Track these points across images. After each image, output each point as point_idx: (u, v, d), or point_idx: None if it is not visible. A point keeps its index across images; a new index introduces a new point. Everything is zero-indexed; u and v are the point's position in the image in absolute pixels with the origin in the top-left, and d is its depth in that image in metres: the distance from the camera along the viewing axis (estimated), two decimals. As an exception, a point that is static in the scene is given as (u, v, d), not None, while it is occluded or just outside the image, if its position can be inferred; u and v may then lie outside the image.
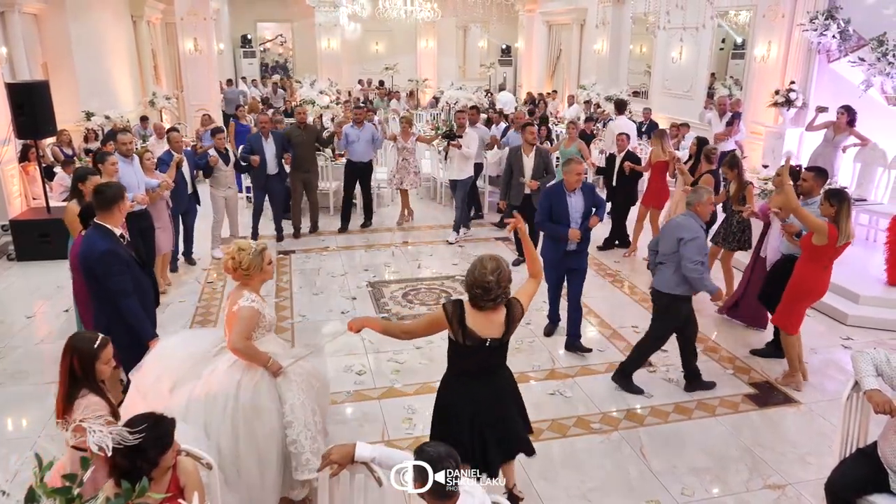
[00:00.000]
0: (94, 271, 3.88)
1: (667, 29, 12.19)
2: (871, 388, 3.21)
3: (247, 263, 3.48)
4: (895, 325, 6.16)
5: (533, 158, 7.41)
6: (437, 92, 18.41)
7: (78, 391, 2.85)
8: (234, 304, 3.49)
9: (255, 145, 8.21)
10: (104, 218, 3.95)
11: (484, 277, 3.09)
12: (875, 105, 8.12)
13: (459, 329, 3.14)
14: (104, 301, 3.98)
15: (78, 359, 2.86)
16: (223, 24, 19.86)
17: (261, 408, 3.44)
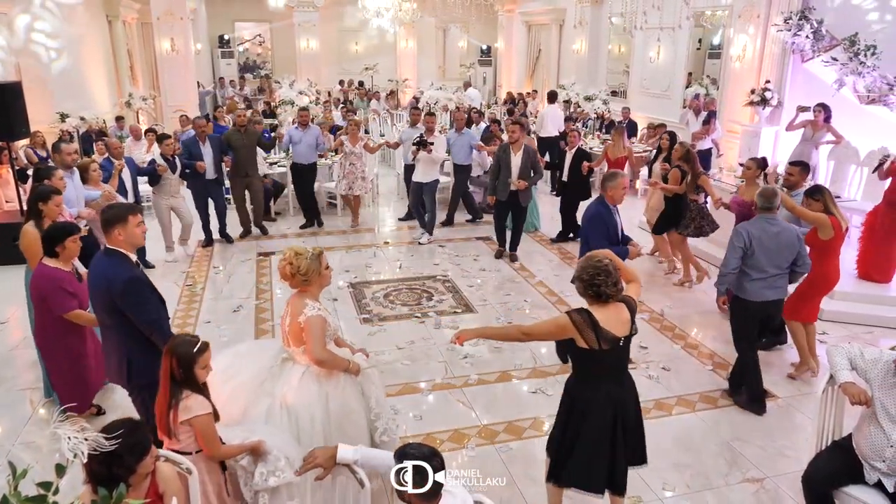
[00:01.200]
0: (118, 304, 3.39)
1: (644, 29, 12.30)
2: (846, 381, 3.27)
3: (305, 268, 3.39)
4: (867, 319, 6.28)
5: (520, 157, 7.55)
6: (417, 92, 18.41)
7: (180, 394, 2.90)
8: (297, 314, 3.38)
9: (192, 150, 7.94)
10: (110, 242, 3.50)
11: (601, 262, 3.08)
12: (847, 104, 8.26)
13: (593, 334, 3.04)
14: (125, 334, 3.49)
15: (177, 362, 2.90)
16: (200, 23, 19.69)
17: (350, 410, 3.48)
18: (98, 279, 3.46)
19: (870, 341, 5.88)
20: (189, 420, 2.87)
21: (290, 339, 3.46)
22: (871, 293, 6.58)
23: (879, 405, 3.20)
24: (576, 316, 3.07)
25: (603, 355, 3.09)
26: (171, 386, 2.90)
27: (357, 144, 9.17)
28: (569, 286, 7.16)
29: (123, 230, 3.44)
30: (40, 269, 4.05)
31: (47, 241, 4.06)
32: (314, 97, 14.29)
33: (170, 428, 2.89)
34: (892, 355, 3.22)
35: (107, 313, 3.49)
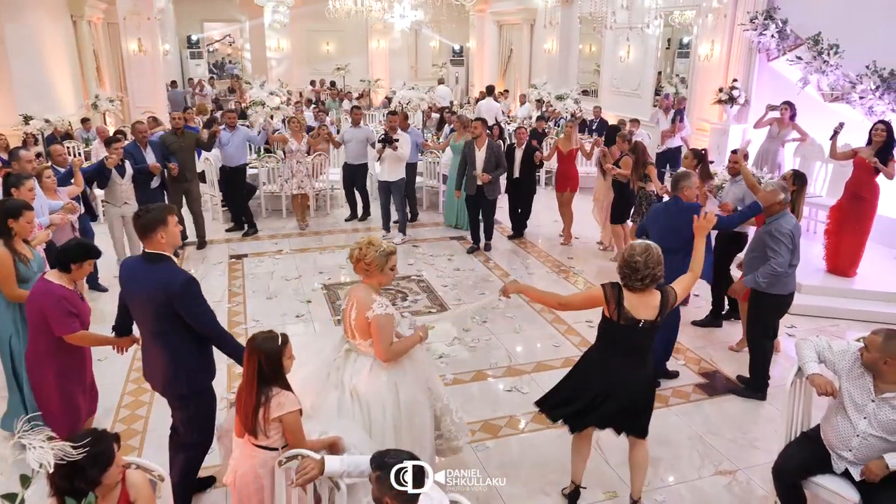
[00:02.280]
0: (176, 307, 3.28)
1: (613, 29, 12.42)
2: (813, 373, 3.34)
3: (370, 259, 3.42)
4: (835, 312, 6.42)
5: (485, 152, 7.88)
6: (389, 92, 18.37)
7: (270, 391, 2.90)
8: (364, 309, 3.39)
9: (136, 157, 7.33)
10: (151, 245, 3.36)
11: (632, 258, 3.26)
12: (812, 102, 8.42)
13: (616, 308, 3.32)
14: (179, 341, 3.38)
15: (265, 358, 2.89)
16: (168, 24, 19.41)
17: (418, 401, 3.54)
18: (150, 285, 3.30)
19: (837, 334, 6.01)
20: (281, 416, 2.88)
21: (355, 333, 3.48)
22: (837, 287, 6.73)
23: (847, 396, 3.27)
24: (608, 288, 3.37)
25: (620, 330, 3.37)
26: (259, 384, 2.89)
27: (301, 142, 9.11)
28: (543, 286, 7.23)
29: (166, 232, 3.34)
30: (43, 284, 3.65)
31: (64, 256, 3.67)
32: (285, 98, 14.18)
33: (257, 426, 2.88)
34: (859, 346, 3.29)
35: (160, 320, 3.33)
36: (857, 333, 5.48)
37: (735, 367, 5.43)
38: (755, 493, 3.99)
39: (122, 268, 3.56)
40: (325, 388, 3.47)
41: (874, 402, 3.17)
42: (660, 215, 5.11)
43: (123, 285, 3.54)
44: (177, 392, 3.48)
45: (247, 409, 2.90)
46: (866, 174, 6.60)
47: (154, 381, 3.57)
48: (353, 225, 9.61)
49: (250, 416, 2.89)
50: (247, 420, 2.90)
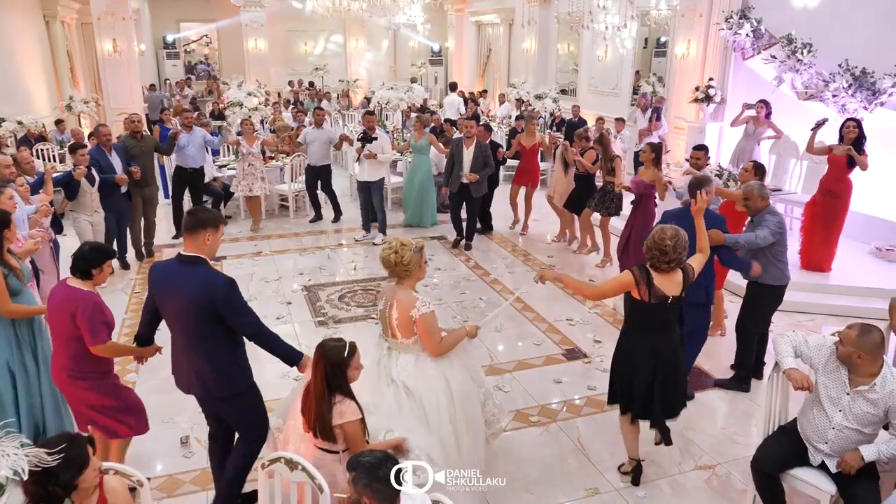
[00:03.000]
0: (219, 309, 3.23)
1: (591, 28, 12.48)
2: (790, 368, 3.39)
3: (408, 259, 3.50)
4: (810, 307, 6.51)
5: (472, 151, 8.03)
6: (368, 92, 18.31)
7: (332, 397, 2.94)
8: (407, 308, 3.46)
9: (101, 162, 6.95)
10: (193, 246, 3.30)
11: (663, 241, 3.50)
12: (787, 100, 8.53)
13: (647, 289, 3.56)
14: (220, 344, 3.34)
15: (331, 366, 2.94)
16: (144, 24, 19.18)
17: (469, 391, 3.63)
18: (191, 287, 3.23)
19: (813, 328, 6.10)
20: (341, 424, 2.92)
21: (398, 332, 3.53)
22: (812, 282, 6.83)
23: (822, 389, 3.32)
24: (637, 272, 3.61)
25: (651, 309, 3.61)
26: (323, 387, 2.94)
27: (254, 144, 9.00)
28: (524, 284, 7.26)
29: (213, 236, 3.32)
30: (69, 291, 3.42)
31: (84, 262, 3.47)
32: (263, 98, 14.08)
33: (327, 429, 2.93)
34: (834, 341, 3.35)
35: (202, 323, 3.27)
36: (833, 328, 5.55)
37: (714, 362, 5.48)
38: (734, 487, 4.03)
39: (153, 272, 3.44)
40: (378, 384, 3.51)
41: (849, 395, 3.23)
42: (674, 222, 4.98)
43: (157, 288, 3.41)
44: (227, 393, 3.41)
45: (311, 412, 2.95)
46: (840, 171, 6.72)
47: (191, 385, 3.46)
48: (336, 226, 9.56)
49: (314, 419, 2.94)
50: (316, 422, 2.95)
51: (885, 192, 7.55)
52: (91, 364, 3.50)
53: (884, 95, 7.34)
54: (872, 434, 3.25)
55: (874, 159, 6.87)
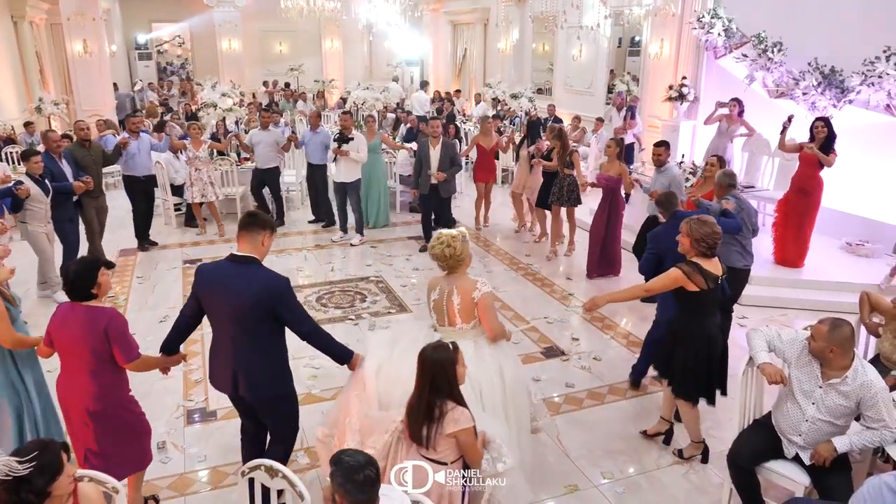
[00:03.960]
0: (277, 308, 3.25)
1: (565, 28, 12.56)
2: (763, 362, 3.44)
3: (460, 250, 3.56)
4: (783, 302, 6.62)
5: (439, 151, 8.03)
6: (344, 92, 18.24)
7: (444, 405, 2.83)
8: (469, 291, 3.51)
9: (53, 169, 6.52)
10: (248, 247, 3.29)
11: (712, 234, 3.82)
12: (758, 98, 8.65)
13: (701, 276, 3.81)
14: (274, 344, 3.38)
15: (441, 370, 2.83)
16: (115, 24, 18.91)
17: (520, 378, 3.72)
18: (252, 286, 3.22)
19: (786, 323, 6.20)
20: (455, 433, 2.83)
21: (459, 317, 3.56)
22: (785, 277, 6.94)
23: (795, 383, 3.37)
24: (685, 267, 3.82)
25: (709, 294, 3.86)
26: (430, 396, 2.83)
27: (201, 148, 8.72)
28: (501, 282, 7.29)
29: (270, 239, 3.37)
30: (89, 311, 3.24)
31: (78, 286, 3.26)
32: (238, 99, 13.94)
33: (424, 438, 2.84)
34: (807, 335, 3.40)
35: (257, 322, 3.27)
36: (805, 322, 5.65)
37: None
38: (711, 481, 4.08)
39: (202, 272, 3.38)
40: None
41: (821, 389, 3.28)
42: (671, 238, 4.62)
43: (208, 287, 3.35)
44: (272, 394, 3.42)
45: (417, 422, 2.85)
46: (811, 169, 6.83)
47: (234, 386, 3.40)
48: (314, 227, 9.50)
49: (419, 429, 2.85)
50: (415, 433, 2.86)
51: (855, 189, 7.69)
52: (116, 390, 3.37)
53: (852, 93, 7.47)
54: (845, 426, 3.31)
55: (844, 157, 7.00)
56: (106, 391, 3.30)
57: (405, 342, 3.59)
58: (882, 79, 7.14)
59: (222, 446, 4.38)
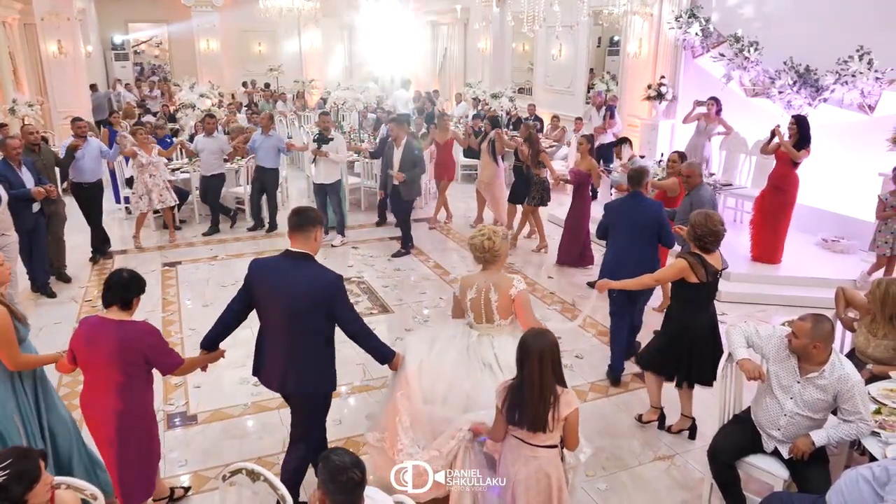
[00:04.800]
0: (331, 304, 3.30)
1: (544, 27, 12.59)
2: (742, 358, 3.49)
3: (499, 245, 3.64)
4: (761, 298, 6.70)
5: (401, 151, 7.98)
6: (324, 93, 18.15)
7: (557, 390, 2.88)
8: (506, 289, 3.58)
9: (10, 178, 6.22)
10: (302, 243, 3.33)
11: (716, 227, 4.03)
12: (735, 97, 8.75)
13: (703, 268, 4.03)
14: (324, 341, 3.40)
15: (554, 356, 2.87)
16: (90, 24, 18.65)
17: None
18: (308, 282, 3.27)
19: (764, 318, 6.27)
20: (568, 415, 2.89)
21: (497, 314, 3.60)
22: (763, 274, 7.03)
23: (774, 378, 3.41)
24: (690, 258, 4.06)
25: (707, 287, 4.09)
26: (546, 382, 2.85)
27: (152, 153, 8.32)
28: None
29: (321, 233, 3.41)
30: (124, 328, 3.16)
31: (126, 291, 3.21)
32: (216, 100, 13.85)
33: (548, 423, 2.87)
34: (785, 331, 3.45)
35: (312, 318, 3.31)
36: (783, 318, 5.72)
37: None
38: (692, 476, 4.12)
39: (256, 268, 3.42)
40: (473, 370, 3.52)
41: (799, 383, 3.33)
42: (625, 211, 5.26)
43: (262, 283, 3.37)
44: (318, 390, 3.47)
45: (538, 412, 2.85)
46: (786, 167, 6.92)
47: (284, 383, 3.44)
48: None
49: (542, 417, 2.85)
50: (537, 422, 2.86)
51: (830, 186, 7.80)
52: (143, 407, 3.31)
53: (826, 92, 7.58)
54: (822, 420, 3.36)
55: (819, 154, 7.10)
56: (133, 407, 3.22)
57: (443, 340, 3.67)
58: (855, 78, 7.26)
59: (203, 450, 4.35)
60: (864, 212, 7.20)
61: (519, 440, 2.95)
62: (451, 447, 3.19)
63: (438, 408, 3.36)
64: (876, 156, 7.04)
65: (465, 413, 3.30)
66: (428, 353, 3.58)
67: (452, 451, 3.19)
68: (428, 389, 3.42)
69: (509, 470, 3.00)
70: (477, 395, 3.36)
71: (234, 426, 4.64)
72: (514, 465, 2.98)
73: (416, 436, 3.39)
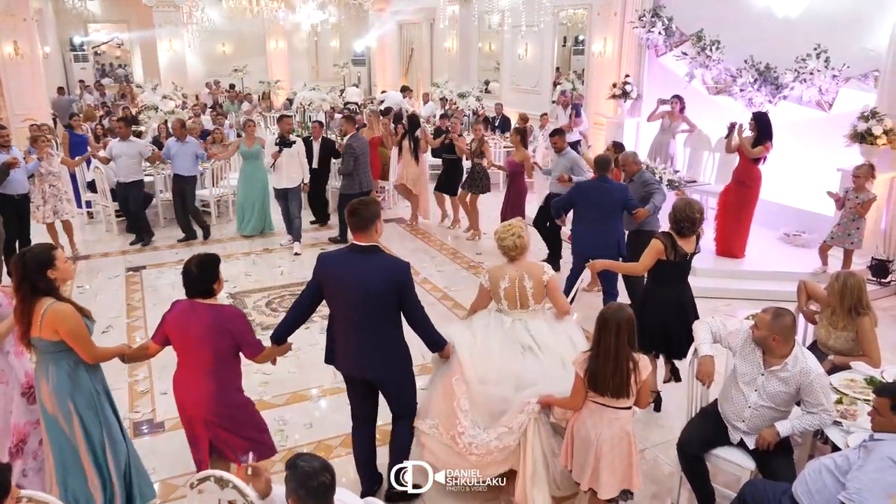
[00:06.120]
0: (403, 292, 3.47)
1: (509, 27, 12.65)
2: (704, 355, 3.57)
3: (527, 239, 3.90)
4: (726, 292, 6.82)
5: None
6: (290, 93, 18.00)
7: (635, 356, 3.19)
8: (539, 274, 3.84)
9: None
10: (365, 237, 3.47)
11: (693, 214, 4.32)
12: (699, 95, 8.89)
13: (673, 249, 4.34)
14: (397, 326, 3.59)
15: (629, 326, 3.15)
16: (48, 25, 18.21)
17: (583, 344, 3.88)
18: (382, 271, 3.44)
19: (729, 312, 6.38)
20: (645, 378, 3.22)
21: (532, 300, 3.85)
22: (727, 268, 7.15)
23: (739, 371, 3.48)
24: (663, 239, 4.37)
25: (673, 267, 4.40)
26: (626, 351, 3.15)
27: (53, 163, 7.72)
28: (454, 282, 7.31)
29: (381, 223, 3.52)
30: (213, 310, 3.30)
31: (201, 282, 3.35)
32: (180, 101, 13.63)
33: (631, 387, 3.19)
34: (749, 325, 3.51)
35: (387, 308, 3.48)
36: (748, 311, 5.85)
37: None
38: (662, 470, 4.17)
39: (326, 262, 3.54)
40: (515, 353, 3.76)
41: (763, 376, 3.39)
42: (591, 192, 5.90)
43: (336, 275, 3.48)
44: (400, 373, 3.66)
45: (622, 379, 3.15)
46: (749, 162, 7.06)
47: (364, 369, 3.60)
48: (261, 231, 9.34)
49: (625, 383, 3.15)
50: (621, 388, 3.16)
51: (791, 182, 7.97)
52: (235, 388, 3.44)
53: (786, 90, 7.74)
54: (786, 411, 3.43)
55: (780, 151, 7.24)
56: (226, 388, 3.35)
57: (480, 328, 3.91)
58: (813, 76, 7.42)
59: (171, 458, 4.27)
60: (824, 206, 7.36)
61: (600, 405, 3.25)
62: (521, 421, 3.53)
63: (493, 388, 3.64)
64: (834, 151, 7.21)
65: (517, 392, 3.60)
66: (473, 340, 3.83)
67: (523, 425, 3.53)
68: (481, 373, 3.68)
69: (591, 433, 3.26)
70: (524, 375, 3.67)
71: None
72: (596, 427, 3.25)
73: (476, 417, 3.63)
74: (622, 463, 3.27)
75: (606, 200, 5.75)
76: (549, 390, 3.56)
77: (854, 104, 7.14)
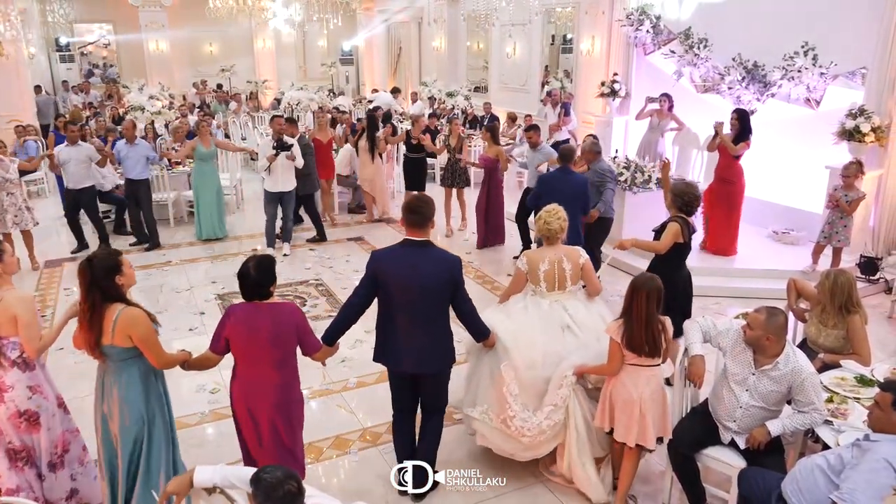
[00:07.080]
0: (455, 280, 3.60)
1: (497, 25, 12.63)
2: (695, 355, 3.57)
3: (565, 225, 4.04)
4: (716, 290, 6.80)
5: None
6: (277, 93, 17.91)
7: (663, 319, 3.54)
8: (576, 257, 4.02)
9: None
10: (421, 233, 3.59)
11: (697, 192, 4.72)
12: (687, 93, 8.90)
13: (687, 229, 4.64)
14: (447, 317, 3.72)
15: (658, 292, 3.49)
16: (33, 25, 18.00)
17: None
18: (437, 265, 3.56)
19: (719, 311, 6.38)
20: (669, 337, 3.57)
21: (570, 280, 4.02)
22: (717, 266, 7.16)
23: (730, 371, 3.47)
24: (680, 221, 4.63)
25: (688, 246, 4.72)
26: (656, 316, 3.47)
27: (9, 170, 7.34)
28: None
29: (433, 223, 3.62)
30: (278, 309, 3.41)
31: (264, 281, 3.39)
32: (167, 101, 13.53)
33: (663, 346, 3.52)
34: (740, 324, 3.51)
35: (442, 301, 3.62)
36: (738, 309, 5.86)
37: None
38: (653, 470, 4.16)
39: (381, 259, 3.63)
40: (555, 335, 3.92)
41: (754, 375, 3.39)
42: (555, 182, 6.23)
43: (391, 271, 3.58)
44: (445, 366, 3.79)
45: (655, 339, 3.46)
46: (729, 158, 7.10)
47: (417, 364, 3.68)
48: (250, 232, 9.27)
49: (658, 343, 3.47)
50: (656, 348, 3.48)
51: (780, 179, 8.00)
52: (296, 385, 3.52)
53: (774, 87, 7.76)
54: (777, 410, 3.43)
55: (769, 148, 7.27)
56: (291, 382, 3.44)
57: (518, 312, 4.02)
58: (801, 73, 7.45)
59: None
60: (813, 203, 7.39)
61: (636, 366, 3.51)
62: (563, 395, 3.75)
63: (540, 371, 3.80)
64: (822, 149, 7.24)
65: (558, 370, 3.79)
66: (515, 326, 3.92)
67: (566, 399, 3.76)
68: (527, 357, 3.81)
69: (633, 393, 3.51)
70: (567, 355, 3.83)
71: (191, 435, 4.52)
72: (637, 387, 3.51)
73: (525, 401, 3.79)
74: (659, 415, 3.57)
75: (568, 190, 5.97)
76: (582, 360, 3.77)
77: (842, 102, 7.16)
